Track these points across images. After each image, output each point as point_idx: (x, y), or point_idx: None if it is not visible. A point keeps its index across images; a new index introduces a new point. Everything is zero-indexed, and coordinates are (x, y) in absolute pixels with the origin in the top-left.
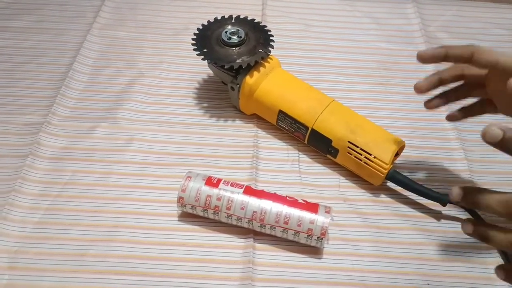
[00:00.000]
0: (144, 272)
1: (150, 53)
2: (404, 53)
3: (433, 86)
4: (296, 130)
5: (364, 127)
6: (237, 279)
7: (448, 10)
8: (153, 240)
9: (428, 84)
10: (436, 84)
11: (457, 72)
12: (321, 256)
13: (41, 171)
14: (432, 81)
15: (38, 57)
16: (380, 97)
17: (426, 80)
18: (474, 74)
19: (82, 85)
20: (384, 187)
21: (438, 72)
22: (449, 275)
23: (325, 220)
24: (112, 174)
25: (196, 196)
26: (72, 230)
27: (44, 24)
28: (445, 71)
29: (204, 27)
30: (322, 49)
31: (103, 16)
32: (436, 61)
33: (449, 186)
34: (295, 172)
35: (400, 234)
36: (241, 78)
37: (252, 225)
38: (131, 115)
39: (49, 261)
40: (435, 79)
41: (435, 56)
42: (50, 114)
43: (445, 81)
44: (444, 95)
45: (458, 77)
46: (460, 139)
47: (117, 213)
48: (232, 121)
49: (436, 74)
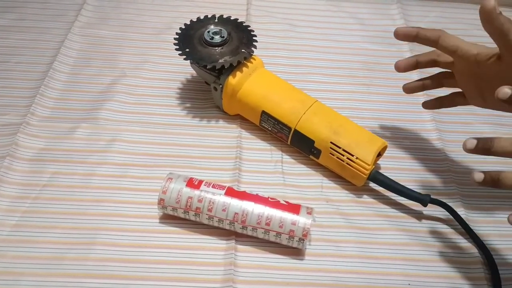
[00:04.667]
0: (124, 275)
1: (133, 53)
2: (388, 54)
3: (410, 66)
4: (279, 130)
5: (347, 128)
6: (219, 281)
7: (432, 11)
8: (133, 243)
9: (406, 64)
10: (413, 64)
11: (432, 56)
12: (303, 257)
13: (19, 173)
14: (410, 62)
15: (17, 56)
16: (363, 97)
17: (404, 60)
18: (444, 61)
19: (63, 85)
20: (367, 188)
21: (416, 55)
22: (430, 275)
23: (307, 221)
24: (93, 176)
25: (177, 198)
26: (50, 233)
27: (24, 23)
28: (422, 55)
29: (186, 26)
30: (306, 50)
31: (85, 15)
32: (408, 39)
33: (431, 186)
34: (278, 173)
35: (382, 234)
36: (224, 78)
37: (234, 227)
38: (113, 115)
39: (26, 265)
40: (413, 60)
41: (407, 34)
42: (28, 115)
43: (421, 64)
44: (421, 81)
45: (433, 62)
46: (441, 139)
47: (98, 216)
48: (215, 121)
49: (414, 56)
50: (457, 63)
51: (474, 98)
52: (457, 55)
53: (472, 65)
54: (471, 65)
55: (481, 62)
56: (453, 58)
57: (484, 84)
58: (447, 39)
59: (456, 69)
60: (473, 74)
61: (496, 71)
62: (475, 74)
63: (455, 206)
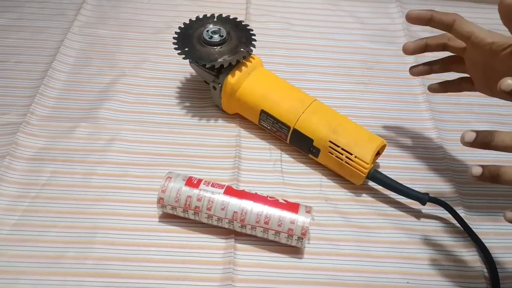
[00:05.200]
0: (123, 274)
1: (132, 52)
2: (387, 52)
3: (419, 49)
4: (278, 129)
5: (346, 127)
6: (218, 280)
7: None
8: (133, 241)
9: (414, 46)
10: (422, 47)
11: (442, 40)
12: (302, 256)
13: (19, 172)
14: (419, 44)
15: (16, 56)
16: (362, 96)
17: (413, 42)
18: (456, 46)
19: (62, 84)
20: (366, 186)
21: (425, 38)
22: (429, 273)
23: (305, 220)
24: (92, 175)
25: (176, 197)
26: (50, 232)
27: (23, 22)
28: (432, 38)
29: (185, 25)
30: (305, 48)
31: (84, 14)
32: (421, 22)
33: (430, 185)
34: (277, 171)
35: (380, 233)
36: (223, 78)
37: (233, 226)
38: (112, 114)
39: (26, 264)
40: (422, 42)
41: (421, 17)
42: (28, 114)
43: (430, 47)
44: (428, 64)
45: (443, 46)
46: (441, 138)
47: (97, 214)
48: (214, 120)
49: (423, 39)
50: (469, 50)
51: (482, 86)
52: (471, 42)
53: (485, 54)
54: (484, 54)
55: (495, 52)
56: (466, 44)
57: (495, 74)
58: (463, 24)
59: (467, 56)
60: (485, 63)
61: (510, 64)
62: (486, 63)
63: (454, 204)
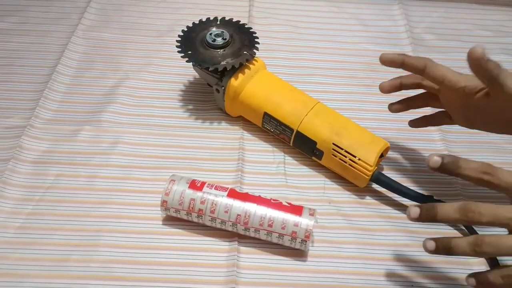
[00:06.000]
0: (128, 276)
1: (135, 55)
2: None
3: (395, 88)
4: (281, 132)
5: (349, 129)
6: (222, 283)
7: (434, 11)
8: (136, 244)
9: (389, 85)
10: (398, 86)
11: (416, 80)
12: (305, 259)
13: (24, 175)
14: (394, 84)
15: (20, 59)
16: (365, 98)
17: (389, 82)
18: (430, 85)
19: (66, 88)
20: (369, 189)
21: (400, 77)
22: (433, 276)
23: (309, 222)
24: (96, 178)
25: (180, 200)
26: (54, 235)
27: (27, 26)
28: (407, 77)
29: (188, 29)
30: (308, 51)
31: (88, 18)
32: (394, 65)
33: (433, 187)
34: (280, 174)
35: (384, 235)
36: (226, 80)
37: (236, 228)
38: (116, 118)
39: (30, 267)
40: (397, 82)
41: (394, 61)
42: (33, 117)
43: (405, 86)
44: (406, 101)
45: (417, 85)
46: (444, 140)
47: (101, 218)
48: (217, 123)
49: (398, 78)
50: (443, 91)
51: (461, 122)
52: (444, 85)
53: (459, 96)
54: (458, 95)
55: (469, 94)
56: (439, 87)
57: (471, 112)
58: (434, 68)
59: (442, 95)
60: (460, 103)
61: (484, 105)
62: (461, 103)
63: None
